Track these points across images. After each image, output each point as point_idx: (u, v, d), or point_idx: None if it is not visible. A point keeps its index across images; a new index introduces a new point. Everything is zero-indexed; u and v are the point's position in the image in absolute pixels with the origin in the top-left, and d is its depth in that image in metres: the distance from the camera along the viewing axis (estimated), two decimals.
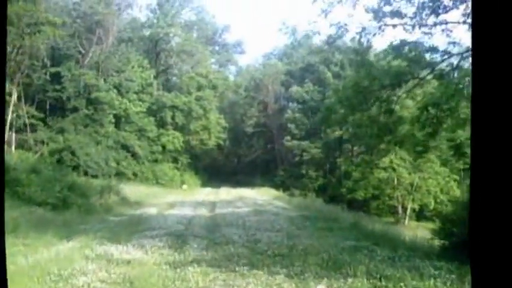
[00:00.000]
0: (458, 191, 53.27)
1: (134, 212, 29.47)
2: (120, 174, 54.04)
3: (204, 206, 34.45)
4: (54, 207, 25.99)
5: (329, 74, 68.21)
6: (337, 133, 65.02)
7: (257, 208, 29.79)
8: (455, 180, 54.00)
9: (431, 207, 52.89)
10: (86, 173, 47.05)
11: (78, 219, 24.12)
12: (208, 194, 51.06)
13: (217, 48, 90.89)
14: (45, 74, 55.19)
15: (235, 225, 20.90)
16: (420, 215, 55.72)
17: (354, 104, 21.90)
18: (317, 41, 65.75)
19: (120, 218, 25.68)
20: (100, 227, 21.14)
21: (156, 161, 62.42)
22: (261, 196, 45.26)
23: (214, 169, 79.60)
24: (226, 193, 49.93)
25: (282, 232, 18.13)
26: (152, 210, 30.03)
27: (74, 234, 17.99)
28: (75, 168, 45.97)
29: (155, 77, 66.73)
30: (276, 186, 61.90)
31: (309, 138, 67.32)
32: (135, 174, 57.70)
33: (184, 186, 61.63)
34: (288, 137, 68.22)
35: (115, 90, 58.21)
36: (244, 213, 26.24)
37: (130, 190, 42.79)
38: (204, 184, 68.17)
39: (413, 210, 54.69)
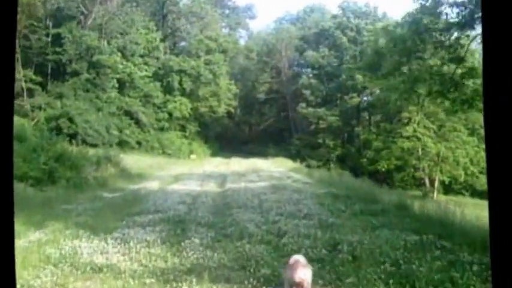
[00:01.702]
0: None
1: (133, 187, 25.52)
2: (122, 143, 50.91)
3: (213, 179, 30.55)
4: (37, 182, 22.09)
5: (345, 39, 65.99)
6: (355, 100, 61.95)
7: (274, 183, 25.35)
8: (484, 150, 50.47)
9: (462, 179, 49.53)
10: (84, 142, 43.15)
11: (64, 196, 20.26)
12: (218, 164, 47.40)
13: (227, 11, 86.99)
14: (47, 35, 51.85)
15: (250, 206, 16.76)
16: (447, 188, 52.68)
17: (410, 49, 17.36)
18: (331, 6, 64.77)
19: (114, 195, 21.74)
20: (85, 208, 17.27)
21: (162, 129, 58.76)
22: (276, 167, 41.32)
23: (224, 138, 75.90)
24: (237, 164, 46.16)
25: (312, 219, 13.85)
26: (153, 185, 26.13)
27: (51, 218, 14.21)
28: (73, 136, 42.11)
29: (162, 40, 63.06)
30: (291, 156, 58.49)
31: (325, 106, 63.93)
32: (139, 143, 54.19)
33: (193, 156, 58.22)
34: (303, 104, 64.80)
35: (119, 54, 54.56)
36: (260, 190, 21.97)
37: (133, 160, 39.36)
38: (214, 154, 64.73)
39: (441, 182, 51.07)
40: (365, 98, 64.81)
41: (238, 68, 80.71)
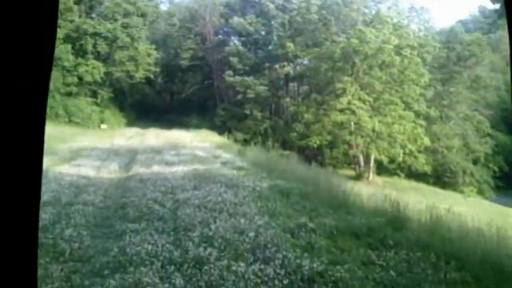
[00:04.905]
0: (427, 139, 46.84)
1: None
2: None
3: (118, 157, 24.62)
4: None
5: (272, 6, 61.16)
6: (286, 69, 56.92)
7: (198, 168, 19.17)
8: (421, 125, 46.94)
9: (400, 159, 45.61)
10: None
11: None
12: (131, 136, 41.45)
13: None
14: None
15: (157, 216, 10.69)
16: (380, 168, 48.96)
17: None
18: None
19: None
20: None
21: (70, 94, 52.04)
22: (199, 142, 35.17)
23: (143, 106, 68.93)
24: (154, 136, 40.10)
25: (268, 258, 7.72)
26: None
27: None
28: None
29: (75, 3, 55.46)
30: (215, 128, 53.17)
31: (253, 74, 58.52)
32: None
33: (103, 126, 51.96)
34: (230, 72, 58.91)
35: None
36: (178, 180, 15.92)
37: None
38: (130, 123, 58.25)
39: (376, 161, 47.20)
40: (290, 68, 59.72)
41: (160, 35, 73.93)
